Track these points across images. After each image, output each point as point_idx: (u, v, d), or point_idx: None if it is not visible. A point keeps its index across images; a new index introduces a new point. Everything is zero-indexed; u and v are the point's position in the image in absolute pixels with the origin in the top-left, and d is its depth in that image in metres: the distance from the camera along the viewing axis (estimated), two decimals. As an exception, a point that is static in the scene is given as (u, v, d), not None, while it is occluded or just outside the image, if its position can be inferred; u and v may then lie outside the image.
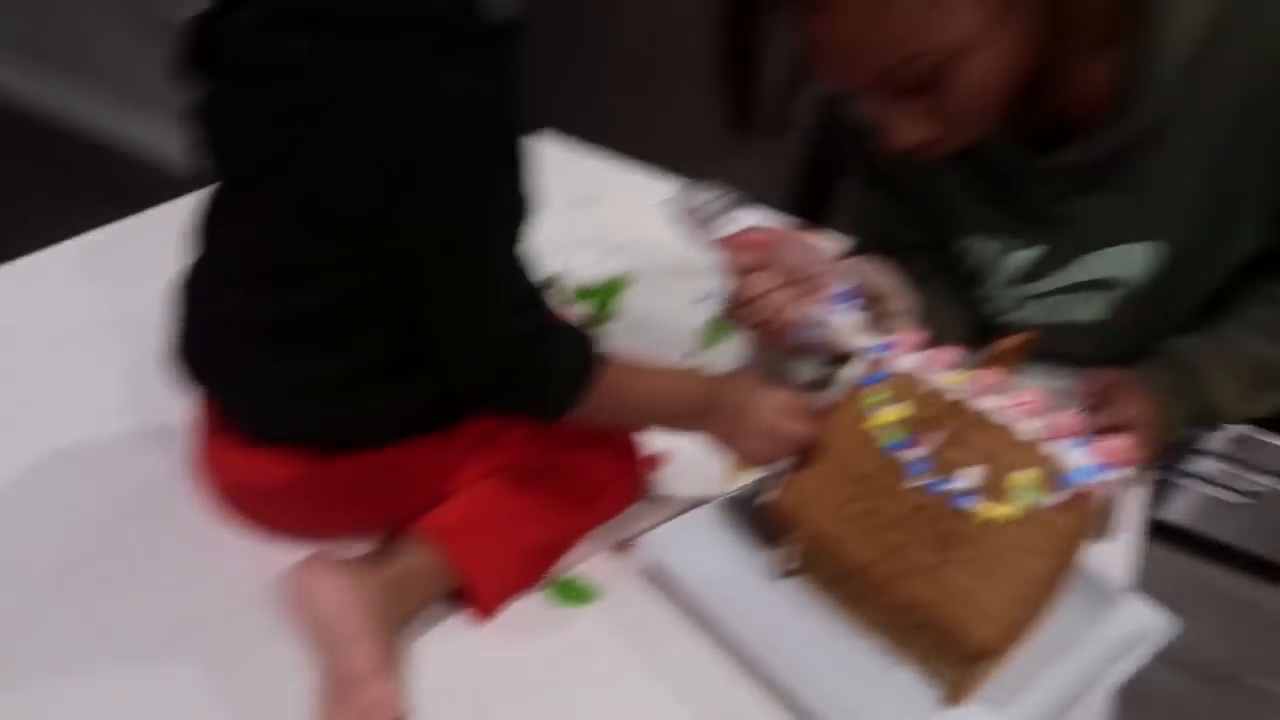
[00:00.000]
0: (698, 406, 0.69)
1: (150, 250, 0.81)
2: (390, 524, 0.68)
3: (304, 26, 0.52)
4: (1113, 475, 0.62)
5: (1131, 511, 0.86)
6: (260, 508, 0.68)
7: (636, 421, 0.72)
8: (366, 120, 0.52)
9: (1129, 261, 0.86)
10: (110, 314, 0.90)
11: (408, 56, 0.51)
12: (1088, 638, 0.72)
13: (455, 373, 0.61)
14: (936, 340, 0.91)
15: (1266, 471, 2.23)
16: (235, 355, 0.63)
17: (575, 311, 0.98)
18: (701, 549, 0.74)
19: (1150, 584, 2.37)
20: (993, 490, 0.64)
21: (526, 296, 0.61)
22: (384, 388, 0.62)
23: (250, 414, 0.64)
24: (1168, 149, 0.79)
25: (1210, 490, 2.29)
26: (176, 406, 0.71)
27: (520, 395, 0.61)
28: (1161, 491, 2.32)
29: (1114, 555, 0.80)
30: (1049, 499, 0.62)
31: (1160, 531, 2.35)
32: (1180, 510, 2.34)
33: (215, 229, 0.63)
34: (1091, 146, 0.79)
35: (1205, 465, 2.26)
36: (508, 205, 0.58)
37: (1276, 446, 2.19)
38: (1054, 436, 0.63)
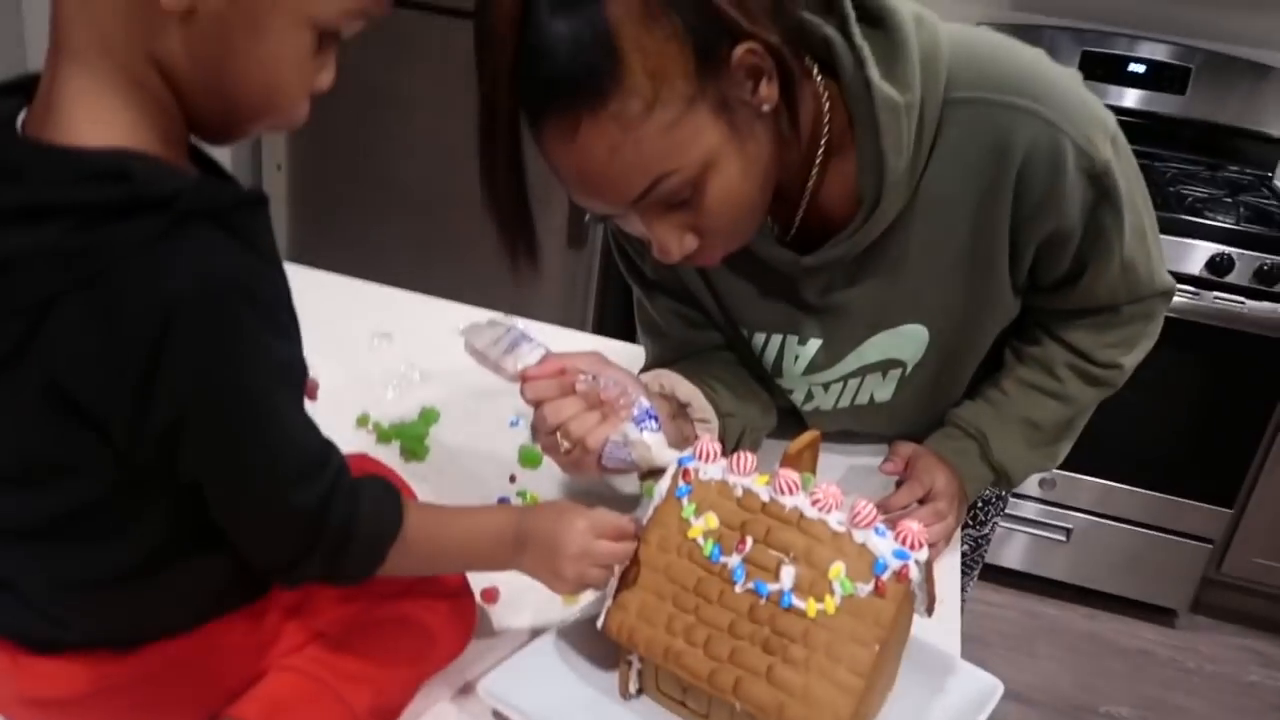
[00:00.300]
0: (509, 543, 0.69)
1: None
2: (209, 710, 0.64)
3: (26, 221, 0.50)
4: (919, 555, 0.65)
5: (950, 582, 0.90)
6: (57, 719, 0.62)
7: (449, 567, 0.72)
8: (105, 314, 0.50)
9: (903, 344, 0.93)
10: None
11: (141, 241, 0.50)
12: (932, 710, 0.74)
13: (249, 550, 0.59)
14: (744, 437, 0.94)
15: (1076, 509, 2.39)
16: (2, 564, 0.58)
17: (384, 452, 0.96)
18: (545, 681, 0.73)
19: (997, 631, 2.47)
20: (814, 586, 0.66)
21: (312, 461, 0.59)
22: (176, 571, 0.59)
23: (30, 623, 0.59)
24: (912, 240, 0.87)
25: (1035, 532, 2.43)
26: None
27: (321, 564, 0.59)
28: (991, 541, 2.44)
29: (943, 625, 0.83)
30: (865, 587, 0.65)
31: (999, 578, 2.47)
32: (1013, 556, 2.47)
33: None
34: (847, 243, 0.86)
35: (1026, 509, 2.41)
36: (274, 371, 0.56)
37: (1083, 483, 2.36)
38: (859, 525, 0.66)
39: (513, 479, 0.97)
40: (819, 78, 0.81)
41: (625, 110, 0.69)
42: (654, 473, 0.75)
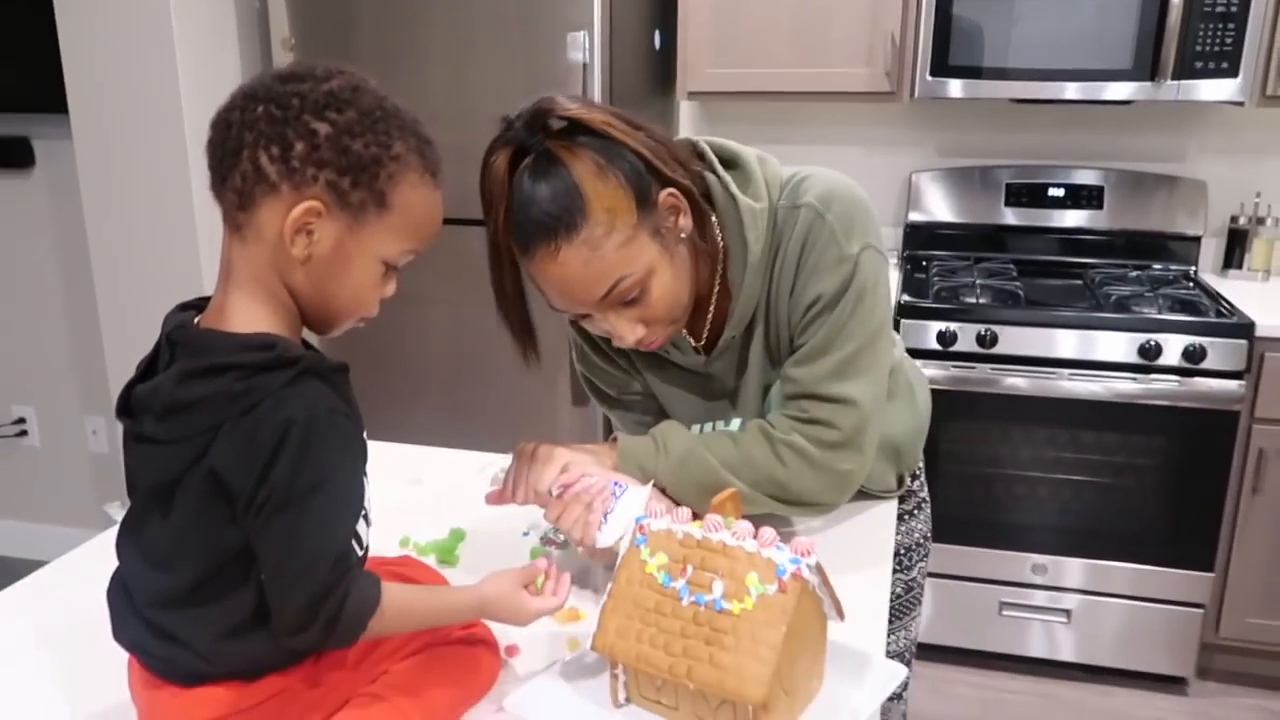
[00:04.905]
0: (474, 609, 0.95)
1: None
2: None
3: (203, 376, 0.80)
4: (809, 560, 0.90)
5: (877, 595, 1.13)
6: None
7: (422, 628, 0.94)
8: (252, 426, 0.79)
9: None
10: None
11: (278, 386, 0.80)
12: (850, 694, 0.97)
13: (279, 612, 0.81)
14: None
15: (1070, 589, 2.56)
16: (166, 624, 0.85)
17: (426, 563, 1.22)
18: (556, 698, 0.96)
19: (1017, 716, 2.71)
20: (736, 592, 0.90)
21: (343, 552, 0.82)
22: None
23: (188, 664, 0.84)
24: (770, 322, 1.23)
25: (1037, 617, 2.59)
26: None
27: (319, 632, 0.81)
28: (978, 620, 2.60)
29: (869, 633, 1.07)
30: (771, 588, 0.89)
31: (1013, 666, 2.61)
32: (1021, 643, 2.62)
33: (135, 537, 0.87)
34: (730, 325, 1.21)
35: (1027, 595, 2.58)
36: (343, 479, 0.82)
37: (1072, 564, 2.54)
38: (764, 546, 0.91)
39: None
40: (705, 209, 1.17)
41: (592, 236, 1.04)
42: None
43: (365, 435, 0.88)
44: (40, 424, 3.24)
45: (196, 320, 0.86)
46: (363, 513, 0.87)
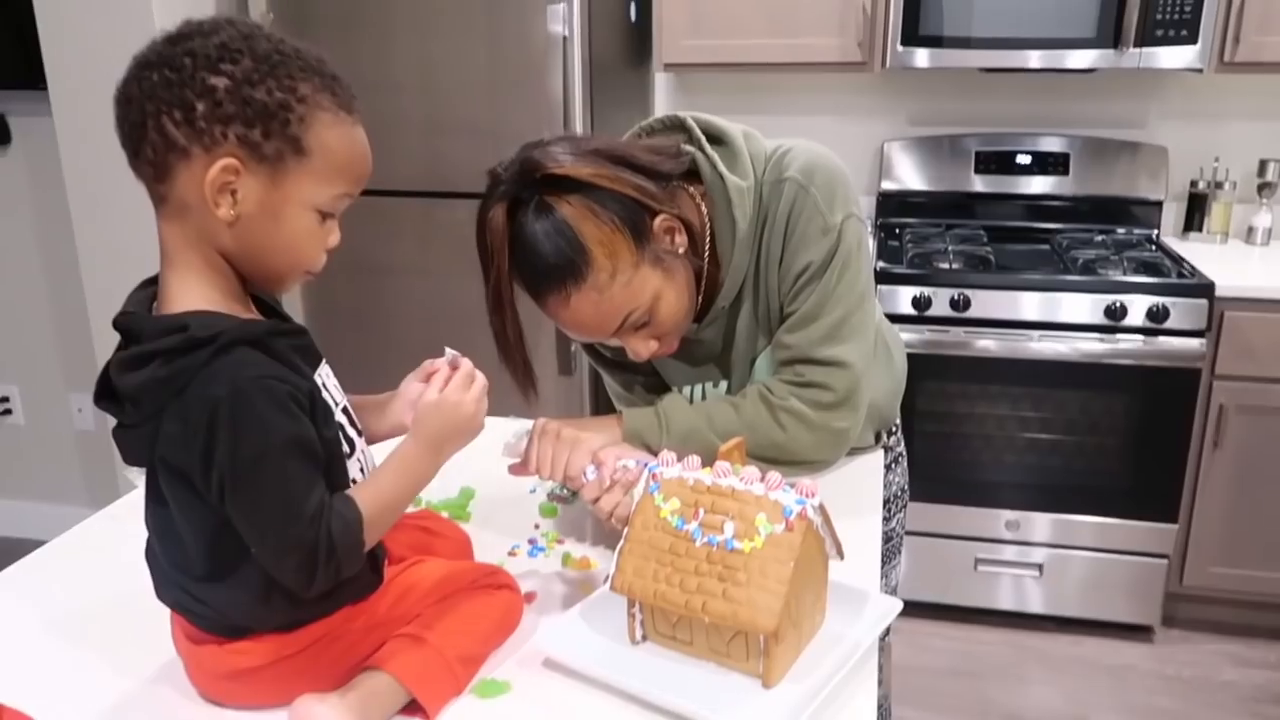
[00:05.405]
0: (425, 449, 0.92)
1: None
2: (350, 671, 0.92)
3: (133, 366, 0.80)
4: (813, 501, 0.96)
5: (870, 539, 1.20)
6: (242, 689, 0.91)
7: (408, 499, 0.92)
8: (183, 409, 0.79)
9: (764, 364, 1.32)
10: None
11: (198, 366, 0.79)
12: (851, 627, 1.03)
13: (274, 575, 0.84)
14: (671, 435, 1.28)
15: (1041, 543, 2.66)
16: (197, 593, 0.89)
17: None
18: (578, 636, 1.02)
19: (990, 665, 2.84)
20: (746, 532, 0.97)
21: (308, 509, 0.82)
22: None
23: (226, 620, 0.89)
24: (759, 291, 1.28)
25: (1011, 572, 2.69)
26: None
27: (325, 575, 0.84)
28: (954, 573, 2.70)
29: (865, 572, 1.13)
30: (779, 527, 0.96)
31: (988, 619, 2.71)
32: (996, 596, 2.72)
33: (150, 513, 0.91)
34: (721, 294, 1.27)
35: (1000, 551, 2.68)
36: (285, 445, 0.81)
37: (1043, 519, 2.64)
38: (771, 489, 0.97)
39: (537, 526, 1.28)
40: (691, 188, 1.22)
41: (598, 282, 1.10)
42: None
43: (314, 388, 0.87)
44: (24, 402, 3.24)
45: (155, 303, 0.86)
46: (347, 419, 0.91)
